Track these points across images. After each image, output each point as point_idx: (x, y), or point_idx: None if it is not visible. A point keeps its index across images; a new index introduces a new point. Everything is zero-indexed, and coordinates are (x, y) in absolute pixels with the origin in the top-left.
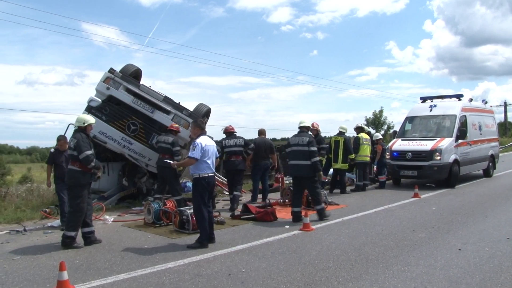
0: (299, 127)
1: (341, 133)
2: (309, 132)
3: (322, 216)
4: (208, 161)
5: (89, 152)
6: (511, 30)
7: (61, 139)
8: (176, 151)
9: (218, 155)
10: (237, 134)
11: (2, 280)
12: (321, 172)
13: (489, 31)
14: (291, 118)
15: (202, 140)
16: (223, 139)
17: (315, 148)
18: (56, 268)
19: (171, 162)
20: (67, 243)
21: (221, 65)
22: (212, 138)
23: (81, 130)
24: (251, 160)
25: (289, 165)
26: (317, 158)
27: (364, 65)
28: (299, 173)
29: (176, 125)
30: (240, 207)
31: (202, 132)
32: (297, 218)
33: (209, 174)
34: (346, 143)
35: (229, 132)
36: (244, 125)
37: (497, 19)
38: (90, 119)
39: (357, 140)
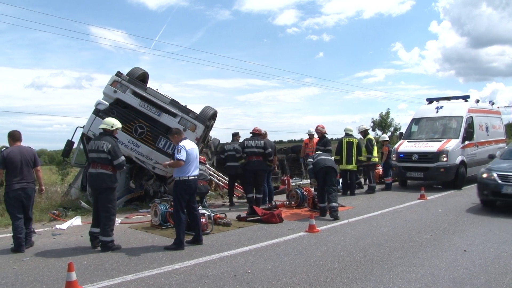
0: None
1: (350, 135)
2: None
3: (336, 214)
4: (191, 164)
5: (123, 158)
6: None
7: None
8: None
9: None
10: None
11: (12, 281)
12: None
13: (496, 31)
14: (298, 120)
15: (185, 144)
16: (244, 139)
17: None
18: (64, 269)
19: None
20: (109, 246)
21: (228, 68)
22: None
23: (108, 133)
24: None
25: (319, 161)
26: None
27: (371, 66)
28: (331, 163)
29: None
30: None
31: (183, 137)
32: (324, 212)
33: (190, 177)
34: (359, 144)
35: (252, 133)
36: (251, 128)
37: (504, 19)
38: (118, 123)
39: (370, 141)
